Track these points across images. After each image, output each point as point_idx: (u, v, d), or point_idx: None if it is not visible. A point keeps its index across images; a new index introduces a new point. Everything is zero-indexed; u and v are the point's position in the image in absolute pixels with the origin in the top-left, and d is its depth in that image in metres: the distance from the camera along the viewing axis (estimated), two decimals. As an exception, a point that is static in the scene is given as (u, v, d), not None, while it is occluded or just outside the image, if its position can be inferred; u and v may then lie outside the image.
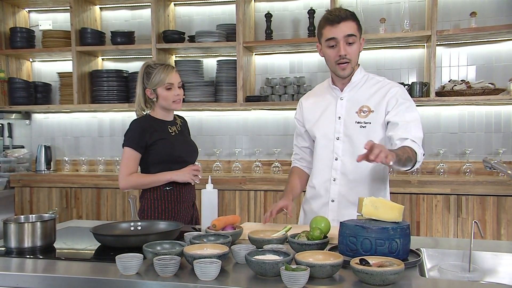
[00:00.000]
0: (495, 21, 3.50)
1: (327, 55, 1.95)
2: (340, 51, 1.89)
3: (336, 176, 1.99)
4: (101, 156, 4.21)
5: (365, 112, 1.95)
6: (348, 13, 1.91)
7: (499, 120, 3.60)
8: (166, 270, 1.31)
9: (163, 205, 2.27)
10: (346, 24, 1.88)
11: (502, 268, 1.60)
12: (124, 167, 2.24)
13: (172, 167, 2.25)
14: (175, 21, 4.16)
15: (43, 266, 1.54)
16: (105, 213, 3.85)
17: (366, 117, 1.94)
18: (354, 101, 1.98)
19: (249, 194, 3.59)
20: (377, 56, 3.77)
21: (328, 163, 2.00)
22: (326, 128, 2.01)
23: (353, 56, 1.92)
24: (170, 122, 2.37)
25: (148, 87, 2.29)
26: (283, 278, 1.22)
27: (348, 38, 1.89)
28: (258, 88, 3.96)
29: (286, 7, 3.94)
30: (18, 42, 4.13)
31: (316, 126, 2.05)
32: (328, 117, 2.02)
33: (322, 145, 2.03)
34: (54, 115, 4.42)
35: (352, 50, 1.91)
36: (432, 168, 3.64)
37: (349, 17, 1.90)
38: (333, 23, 1.89)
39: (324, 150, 2.02)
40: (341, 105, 2.00)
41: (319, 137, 2.04)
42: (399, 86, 1.99)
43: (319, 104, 2.07)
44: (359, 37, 1.93)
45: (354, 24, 1.90)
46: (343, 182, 1.98)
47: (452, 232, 3.28)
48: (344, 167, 1.97)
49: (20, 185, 3.98)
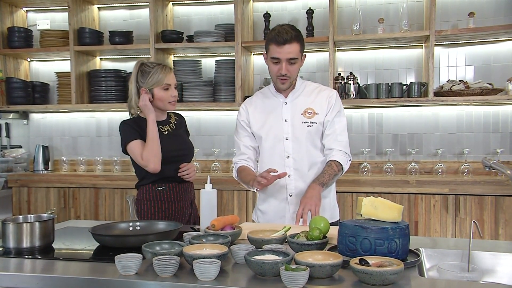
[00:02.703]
0: (493, 22, 3.50)
1: (270, 68, 2.16)
2: (281, 70, 2.10)
3: (290, 172, 2.17)
4: (99, 156, 4.21)
5: (310, 113, 2.18)
6: (294, 34, 2.08)
7: (497, 120, 3.60)
8: (165, 270, 1.31)
9: (157, 206, 2.26)
10: (290, 47, 2.07)
11: (500, 268, 1.60)
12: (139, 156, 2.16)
13: (164, 167, 2.22)
14: (173, 21, 4.15)
15: (41, 266, 1.53)
16: (103, 213, 3.84)
17: (311, 118, 2.18)
18: (298, 105, 2.21)
19: (248, 194, 3.59)
20: (375, 56, 3.77)
21: (281, 161, 2.18)
22: (275, 130, 2.20)
23: (293, 74, 2.14)
24: (162, 122, 2.33)
25: (143, 86, 2.23)
26: (283, 278, 1.22)
27: (290, 60, 2.09)
28: (257, 88, 3.96)
29: (284, 7, 3.94)
30: (15, 41, 4.12)
31: (264, 128, 2.23)
32: (275, 119, 2.21)
33: (271, 145, 2.21)
34: (52, 115, 4.41)
35: (293, 68, 2.13)
36: (430, 168, 3.65)
37: (294, 39, 2.07)
38: (279, 44, 2.07)
39: (275, 150, 2.20)
40: (287, 108, 2.21)
41: (267, 138, 2.22)
42: (334, 91, 2.26)
43: (265, 108, 2.26)
44: (300, 57, 2.14)
45: (297, 46, 2.09)
46: (297, 177, 2.18)
47: (450, 232, 3.29)
48: (296, 163, 2.18)
49: (18, 185, 3.97)
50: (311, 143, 2.19)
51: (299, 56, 2.12)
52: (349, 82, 3.56)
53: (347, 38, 3.56)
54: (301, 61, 2.16)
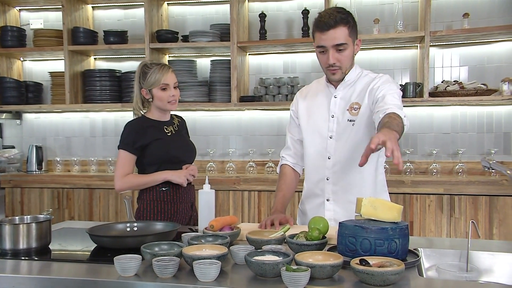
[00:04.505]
0: (487, 23, 3.53)
1: (319, 59, 1.92)
2: (329, 59, 1.86)
3: (329, 175, 1.96)
4: (93, 156, 4.18)
5: (355, 109, 1.91)
6: (339, 17, 1.82)
7: (491, 120, 3.63)
8: (165, 271, 1.30)
9: (159, 206, 2.25)
10: (335, 31, 1.81)
11: (498, 267, 1.61)
12: (119, 169, 2.22)
13: (168, 167, 2.24)
14: (168, 21, 4.14)
15: (38, 267, 1.51)
16: (98, 214, 3.81)
17: (356, 114, 1.91)
18: (346, 99, 1.95)
19: (243, 195, 3.59)
20: (370, 56, 3.78)
21: (322, 161, 1.97)
22: (320, 127, 1.98)
23: (344, 62, 1.88)
24: (166, 122, 2.35)
25: (143, 87, 2.27)
26: (284, 279, 1.21)
27: (338, 47, 1.84)
28: (252, 88, 3.96)
29: (280, 7, 3.94)
30: (8, 41, 4.08)
31: (309, 123, 2.02)
32: (322, 115, 1.99)
33: (315, 144, 2.00)
34: (46, 115, 4.38)
35: (343, 56, 1.86)
36: (425, 168, 3.66)
37: (339, 23, 1.81)
38: (322, 30, 1.83)
39: (317, 149, 1.99)
40: (335, 103, 1.97)
41: (311, 135, 2.01)
42: (383, 75, 1.94)
43: (314, 101, 2.04)
44: (352, 41, 1.86)
45: (345, 30, 1.82)
46: (336, 181, 1.95)
47: (445, 232, 3.30)
48: (337, 165, 1.94)
49: (11, 186, 3.93)
50: (356, 143, 1.89)
51: (348, 41, 1.84)
52: (345, 83, 3.56)
53: (343, 38, 3.56)
54: (353, 46, 1.88)
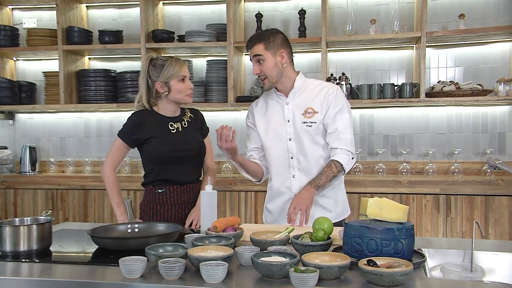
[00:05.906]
0: (483, 23, 3.55)
1: None
2: (255, 70, 2.16)
3: (294, 173, 2.19)
4: (87, 157, 4.13)
5: (310, 113, 2.17)
6: (257, 36, 2.17)
7: (486, 120, 3.65)
8: (171, 273, 1.28)
9: (155, 208, 2.23)
10: (254, 48, 2.14)
11: (501, 267, 1.62)
12: (110, 156, 2.24)
13: (165, 167, 2.20)
14: (163, 21, 4.11)
15: (40, 270, 1.49)
16: (93, 215, 3.77)
17: (311, 118, 2.16)
18: (299, 105, 2.20)
19: (240, 195, 3.58)
20: (367, 57, 3.79)
21: (285, 161, 2.21)
22: (278, 131, 2.21)
23: (268, 72, 2.14)
24: (174, 118, 2.28)
25: (159, 80, 2.19)
26: (293, 280, 1.21)
27: (256, 58, 2.14)
28: (248, 89, 3.95)
29: (276, 7, 3.94)
30: (1, 40, 4.02)
31: (268, 129, 2.25)
32: (279, 121, 2.22)
33: (276, 146, 2.22)
34: (39, 115, 4.32)
35: (264, 67, 2.13)
36: (421, 169, 3.68)
37: (256, 41, 2.14)
38: (248, 49, 2.19)
39: (279, 151, 2.21)
40: (288, 109, 2.21)
41: (271, 139, 2.23)
42: (336, 88, 2.21)
43: (268, 110, 2.27)
44: (270, 53, 2.12)
45: (260, 45, 2.12)
46: (302, 178, 2.18)
47: (442, 231, 3.32)
48: (300, 164, 2.19)
49: (4, 187, 3.88)
50: (313, 143, 2.18)
51: (264, 53, 2.12)
52: (341, 83, 3.57)
53: (339, 38, 3.57)
54: (272, 58, 2.13)
